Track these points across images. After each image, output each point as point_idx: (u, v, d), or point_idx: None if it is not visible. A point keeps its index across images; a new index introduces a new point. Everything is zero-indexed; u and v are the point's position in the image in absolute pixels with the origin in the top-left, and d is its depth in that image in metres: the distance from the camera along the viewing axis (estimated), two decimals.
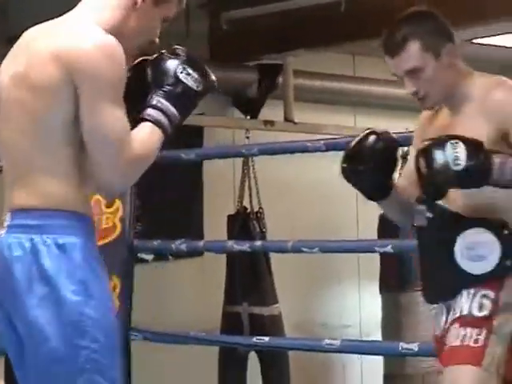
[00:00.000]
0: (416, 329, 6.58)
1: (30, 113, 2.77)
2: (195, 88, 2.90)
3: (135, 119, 2.82)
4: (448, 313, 3.26)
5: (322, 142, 5.53)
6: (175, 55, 2.89)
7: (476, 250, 3.29)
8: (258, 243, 6.30)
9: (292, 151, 5.90)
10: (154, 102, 2.82)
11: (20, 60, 2.84)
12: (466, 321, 3.25)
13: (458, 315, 3.25)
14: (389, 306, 6.81)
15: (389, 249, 5.31)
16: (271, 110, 7.65)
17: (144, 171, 2.96)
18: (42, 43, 2.82)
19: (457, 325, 3.25)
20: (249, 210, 7.06)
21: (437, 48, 3.23)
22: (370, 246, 5.76)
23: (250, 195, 7.12)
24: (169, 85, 2.86)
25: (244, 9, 7.01)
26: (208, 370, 6.82)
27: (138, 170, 2.85)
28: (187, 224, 6.99)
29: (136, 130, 2.78)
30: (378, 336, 6.84)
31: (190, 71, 2.92)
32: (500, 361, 3.23)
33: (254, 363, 6.91)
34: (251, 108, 7.77)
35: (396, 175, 3.45)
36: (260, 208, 7.03)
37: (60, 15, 2.85)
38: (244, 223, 6.97)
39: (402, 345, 5.30)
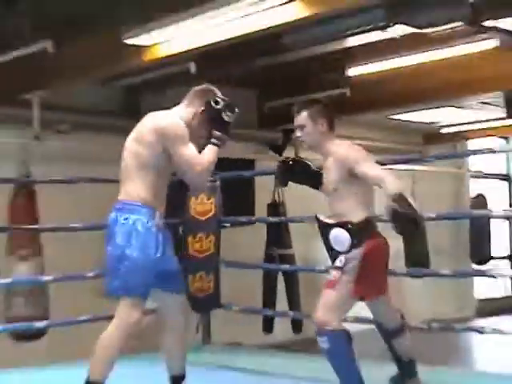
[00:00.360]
0: None
1: (137, 157, 4.12)
2: (229, 120, 4.19)
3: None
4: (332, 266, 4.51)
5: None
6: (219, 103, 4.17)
7: (338, 239, 4.44)
8: (283, 218, 8.75)
9: None
10: (213, 134, 4.15)
11: (137, 129, 4.17)
12: (334, 268, 4.47)
13: (333, 266, 4.51)
14: None
15: None
16: (289, 151, 9.59)
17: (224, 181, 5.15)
18: (149, 121, 4.16)
19: (331, 270, 4.50)
20: (278, 201, 9.08)
21: (315, 119, 4.54)
22: None
23: (278, 194, 9.09)
24: (217, 119, 4.16)
25: None
26: (258, 284, 8.75)
27: (207, 173, 4.14)
28: (246, 209, 8.54)
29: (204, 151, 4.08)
30: None
31: (229, 112, 4.18)
32: (348, 287, 4.38)
33: (279, 280, 8.88)
34: (278, 150, 10.00)
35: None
36: (283, 200, 9.08)
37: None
38: (275, 208, 9.02)
39: None
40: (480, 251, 11.68)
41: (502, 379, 5.54)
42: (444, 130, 11.63)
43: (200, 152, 4.12)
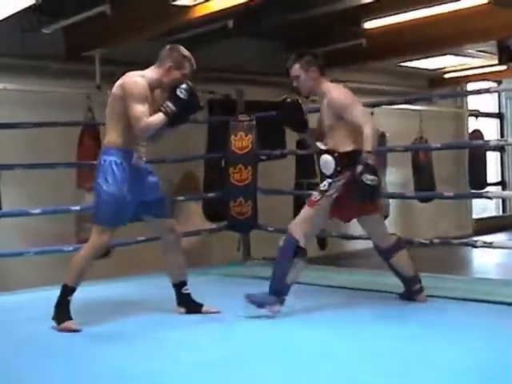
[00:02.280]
0: None
1: (110, 109, 4.30)
2: (183, 97, 4.17)
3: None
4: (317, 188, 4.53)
5: None
6: (181, 83, 4.20)
7: (326, 163, 4.49)
8: (310, 151, 7.74)
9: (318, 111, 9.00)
10: (165, 103, 4.18)
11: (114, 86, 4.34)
12: (317, 190, 4.48)
13: (317, 188, 4.52)
14: None
15: None
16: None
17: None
18: (120, 79, 4.31)
19: (315, 191, 4.53)
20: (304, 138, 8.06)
21: (306, 68, 4.50)
22: None
23: None
24: (172, 95, 4.19)
25: None
26: (289, 208, 8.16)
27: (147, 131, 4.16)
28: (279, 144, 8.02)
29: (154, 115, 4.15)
30: None
31: (183, 90, 4.17)
32: (324, 209, 4.42)
33: None
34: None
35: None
36: None
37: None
38: (303, 144, 7.76)
39: None
40: (477, 179, 11.69)
41: (495, 283, 5.67)
42: (447, 75, 11.56)
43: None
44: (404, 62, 10.43)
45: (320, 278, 5.94)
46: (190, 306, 4.61)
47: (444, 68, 11.28)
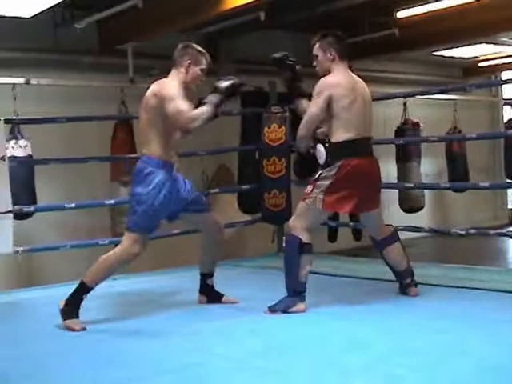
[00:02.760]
0: None
1: (147, 119, 4.30)
2: (223, 86, 4.21)
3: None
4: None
5: None
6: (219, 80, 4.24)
7: (319, 153, 4.42)
8: None
9: None
10: (209, 96, 4.20)
11: (145, 96, 4.34)
12: (310, 183, 4.44)
13: (309, 179, 4.48)
14: None
15: None
16: None
17: None
18: (151, 89, 4.31)
19: (308, 183, 4.47)
20: None
21: (325, 49, 4.48)
22: None
23: None
24: (216, 89, 4.23)
25: None
26: None
27: (196, 121, 4.09)
28: None
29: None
30: None
31: (225, 83, 4.22)
32: (317, 201, 4.35)
33: None
34: None
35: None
36: None
37: None
38: None
39: None
40: None
41: None
42: (481, 64, 11.47)
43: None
44: (437, 51, 10.31)
45: (350, 270, 6.00)
46: (212, 295, 4.75)
47: (478, 57, 11.16)
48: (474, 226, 8.87)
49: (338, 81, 4.40)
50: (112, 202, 6.50)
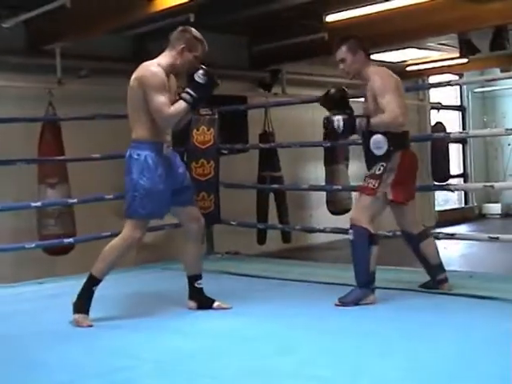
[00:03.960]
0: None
1: (131, 103, 4.23)
2: (202, 82, 4.16)
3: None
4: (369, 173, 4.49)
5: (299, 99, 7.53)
6: (197, 69, 4.18)
7: (377, 143, 4.41)
8: (272, 144, 8.47)
9: (285, 104, 8.32)
10: (185, 90, 4.16)
11: (131, 79, 4.23)
12: (371, 176, 4.44)
13: (369, 173, 4.49)
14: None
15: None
16: (276, 88, 9.72)
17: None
18: (136, 71, 4.22)
19: (368, 178, 4.49)
20: (268, 131, 8.90)
21: (354, 51, 4.55)
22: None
23: (268, 125, 8.95)
24: (191, 82, 4.17)
25: None
26: (252, 202, 8.60)
27: (169, 120, 4.14)
28: (241, 138, 8.19)
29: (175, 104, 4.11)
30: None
31: (202, 75, 4.17)
32: (382, 194, 4.41)
33: (270, 198, 8.84)
34: (267, 87, 9.74)
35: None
36: (272, 130, 8.88)
37: None
38: (265, 136, 8.77)
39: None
40: (440, 171, 11.73)
41: (460, 275, 5.55)
42: (409, 68, 11.54)
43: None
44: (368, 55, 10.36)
45: (279, 272, 6.01)
46: (202, 300, 4.59)
47: (406, 61, 11.30)
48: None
49: (389, 73, 4.53)
50: (39, 204, 6.37)
